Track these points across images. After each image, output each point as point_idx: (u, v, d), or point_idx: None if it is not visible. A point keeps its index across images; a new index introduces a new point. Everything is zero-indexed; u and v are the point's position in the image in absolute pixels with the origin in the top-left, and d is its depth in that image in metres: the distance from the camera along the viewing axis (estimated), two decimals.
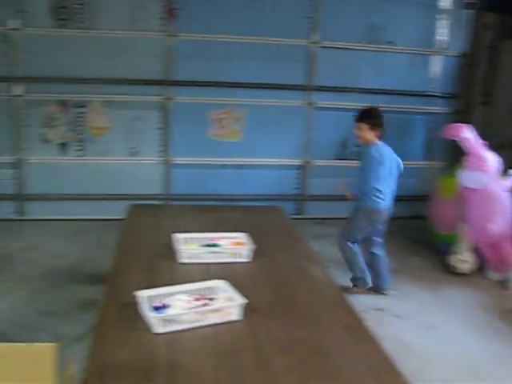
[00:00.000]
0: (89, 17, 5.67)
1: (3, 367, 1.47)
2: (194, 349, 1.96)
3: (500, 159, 4.83)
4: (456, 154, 5.36)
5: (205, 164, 6.05)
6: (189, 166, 6.04)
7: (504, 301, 4.52)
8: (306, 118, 6.15)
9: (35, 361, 1.43)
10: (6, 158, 5.84)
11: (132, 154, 5.99)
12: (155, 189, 6.06)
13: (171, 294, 2.23)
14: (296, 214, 6.29)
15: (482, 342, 3.83)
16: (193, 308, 2.13)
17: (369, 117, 4.19)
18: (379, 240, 4.39)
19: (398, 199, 6.44)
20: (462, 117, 6.44)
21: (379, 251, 4.39)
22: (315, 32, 5.99)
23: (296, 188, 6.30)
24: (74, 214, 5.93)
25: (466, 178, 4.73)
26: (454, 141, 4.84)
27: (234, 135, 6.01)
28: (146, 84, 5.83)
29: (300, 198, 6.32)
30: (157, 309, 2.14)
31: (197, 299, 2.21)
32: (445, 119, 6.31)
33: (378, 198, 4.09)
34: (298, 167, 6.26)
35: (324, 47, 6.03)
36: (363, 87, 6.21)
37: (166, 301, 2.19)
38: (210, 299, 2.23)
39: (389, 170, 4.12)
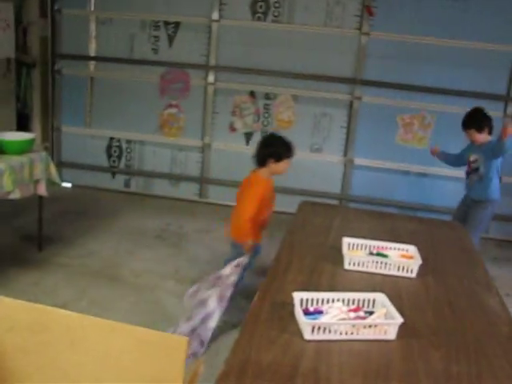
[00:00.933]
0: (285, 11, 5.71)
1: (137, 353, 1.47)
2: (342, 363, 1.84)
3: None
4: None
5: (386, 168, 5.85)
6: (370, 169, 5.88)
7: None
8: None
9: (168, 353, 1.41)
10: (196, 142, 6.12)
11: (314, 151, 5.96)
12: (333, 188, 5.99)
13: (327, 301, 2.13)
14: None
15: None
16: (347, 319, 2.01)
17: (475, 121, 4.36)
18: None
19: None
20: None
21: None
22: None
23: None
24: None
25: None
26: None
27: (420, 142, 5.74)
28: (334, 81, 5.76)
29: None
30: (310, 313, 2.05)
31: (353, 310, 2.08)
32: None
33: None
34: None
35: None
36: None
37: (321, 307, 2.09)
38: (367, 312, 2.09)
39: None
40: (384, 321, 2.02)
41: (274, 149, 3.66)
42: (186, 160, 6.22)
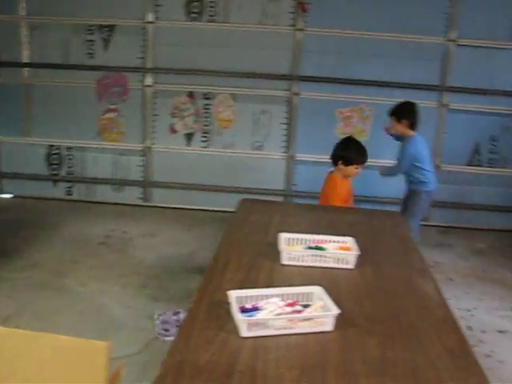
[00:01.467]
0: (221, 10, 5.71)
1: (58, 360, 1.44)
2: (279, 358, 1.84)
3: None
4: None
5: (329, 162, 5.88)
6: (312, 163, 5.92)
7: None
8: (437, 120, 5.81)
9: (90, 358, 1.39)
10: (136, 146, 6.06)
11: (256, 148, 5.98)
12: (277, 184, 6.02)
13: (264, 297, 2.12)
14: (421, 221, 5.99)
15: None
16: (283, 314, 2.01)
17: (396, 112, 4.56)
18: None
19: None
20: None
21: None
22: (452, 29, 5.63)
23: None
24: (195, 203, 6.05)
25: None
26: None
27: (360, 134, 5.81)
28: (273, 78, 5.79)
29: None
30: (246, 311, 2.04)
31: (289, 305, 2.09)
32: None
33: None
34: None
35: (461, 45, 5.65)
36: (505, 89, 5.76)
37: (257, 303, 2.09)
38: (304, 306, 2.10)
39: None
40: (320, 313, 2.03)
41: (345, 152, 4.03)
42: (128, 164, 6.15)
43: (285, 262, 2.56)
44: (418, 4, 5.61)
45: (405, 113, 4.52)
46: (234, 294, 2.11)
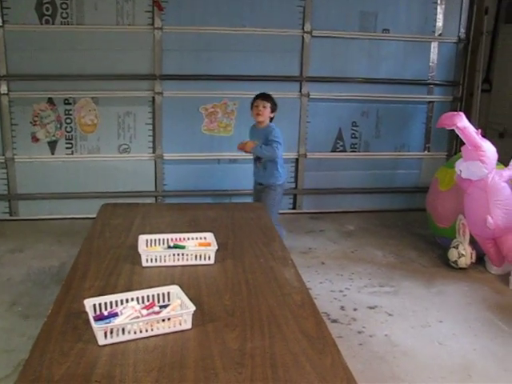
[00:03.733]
0: (74, 12, 5.52)
1: None
2: (137, 362, 1.81)
3: (499, 148, 4.65)
4: (458, 144, 5.20)
5: (197, 159, 5.91)
6: (181, 162, 5.90)
7: (503, 296, 4.34)
8: (300, 109, 5.98)
9: None
10: None
11: (123, 151, 5.85)
12: (147, 186, 5.93)
13: (121, 302, 2.09)
14: (292, 209, 6.14)
15: (478, 340, 3.66)
16: (140, 317, 1.99)
17: (272, 100, 4.69)
18: None
19: (399, 191, 6.35)
20: (462, 105, 6.26)
21: None
22: (307, 21, 5.80)
23: (291, 182, 6.12)
24: (65, 213, 5.84)
25: (463, 168, 4.54)
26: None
27: (226, 129, 5.86)
28: (134, 79, 5.70)
29: (295, 192, 6.15)
30: (104, 318, 2.00)
31: (147, 307, 2.06)
32: (445, 108, 6.12)
33: None
34: (294, 160, 6.10)
35: (316, 36, 5.84)
36: (359, 77, 6.03)
37: (115, 309, 2.05)
38: (162, 306, 2.08)
39: None
40: (176, 312, 2.02)
41: None
42: None
43: (145, 264, 2.53)
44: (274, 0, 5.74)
45: (274, 104, 4.71)
46: (90, 303, 2.05)
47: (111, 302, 2.09)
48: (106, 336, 1.90)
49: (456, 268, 4.73)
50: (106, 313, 2.04)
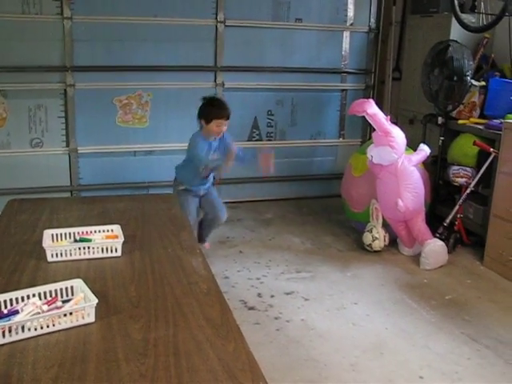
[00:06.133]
0: None
1: None
2: (36, 359, 1.77)
3: (408, 134, 4.81)
4: (371, 131, 5.32)
5: (113, 152, 5.81)
6: (97, 155, 5.78)
7: (414, 276, 4.51)
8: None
9: None
10: None
11: (35, 145, 5.68)
12: (62, 181, 5.78)
13: (22, 299, 2.04)
14: None
15: (389, 319, 3.81)
16: (41, 313, 1.94)
17: None
18: None
19: (315, 178, 6.46)
20: (375, 93, 6.43)
21: None
22: (220, 11, 5.79)
23: None
24: None
25: (374, 154, 4.67)
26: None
27: (141, 121, 5.79)
28: (44, 71, 5.52)
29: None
30: (2, 317, 1.94)
31: (49, 302, 2.02)
32: (358, 95, 6.26)
33: None
34: None
35: (230, 26, 5.84)
36: (273, 66, 6.08)
37: (15, 307, 2.00)
38: (65, 301, 2.05)
39: None
40: (78, 306, 1.98)
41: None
42: None
43: (50, 259, 2.48)
44: None
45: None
46: None
47: (11, 300, 2.03)
48: (4, 335, 1.85)
49: (370, 251, 4.87)
50: (5, 311, 1.98)
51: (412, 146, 4.95)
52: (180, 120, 5.81)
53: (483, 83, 5.12)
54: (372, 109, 4.53)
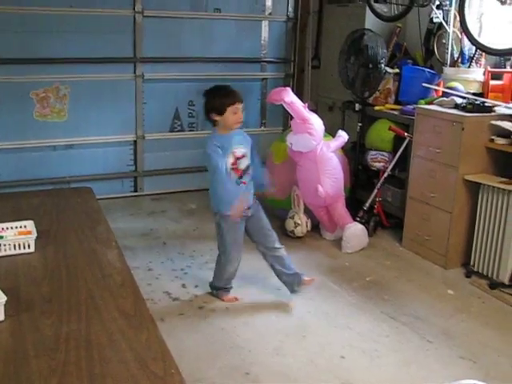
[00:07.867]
0: None
1: None
2: None
3: (328, 121, 4.92)
4: (290, 119, 5.40)
5: (32, 147, 5.65)
6: (14, 151, 5.59)
7: (336, 259, 4.62)
8: (135, 91, 5.91)
9: None
10: None
11: None
12: None
13: None
14: (133, 191, 6.10)
15: (312, 303, 3.90)
16: None
17: None
18: None
19: None
20: (295, 81, 6.52)
21: None
22: (137, 1, 5.72)
23: (131, 164, 6.07)
24: None
25: (293, 141, 4.74)
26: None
27: (59, 114, 5.67)
28: None
29: (136, 175, 6.10)
30: None
31: None
32: (278, 84, 6.32)
33: None
34: (132, 143, 6.03)
35: (148, 16, 5.78)
36: (193, 56, 6.07)
37: None
38: None
39: None
40: None
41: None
42: None
43: None
44: None
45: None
46: None
47: None
48: None
49: (293, 237, 4.95)
50: None
51: (332, 132, 5.05)
52: (100, 113, 5.74)
53: (397, 70, 5.28)
54: (289, 97, 4.60)
